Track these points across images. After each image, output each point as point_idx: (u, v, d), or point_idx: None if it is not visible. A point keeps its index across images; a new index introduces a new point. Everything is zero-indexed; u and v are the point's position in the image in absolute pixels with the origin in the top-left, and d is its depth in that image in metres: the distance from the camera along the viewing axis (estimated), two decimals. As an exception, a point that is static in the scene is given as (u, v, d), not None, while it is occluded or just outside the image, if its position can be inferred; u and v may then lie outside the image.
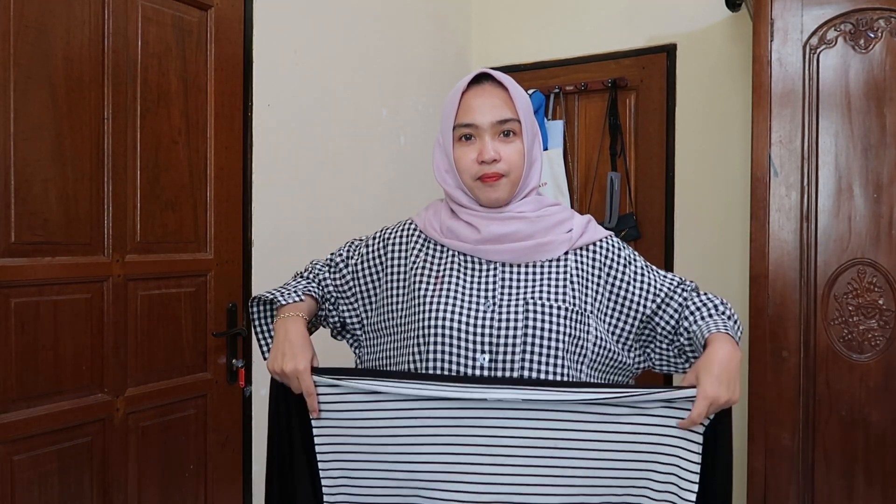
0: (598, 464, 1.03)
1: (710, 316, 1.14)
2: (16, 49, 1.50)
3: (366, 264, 1.25)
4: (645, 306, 1.18)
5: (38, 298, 1.56)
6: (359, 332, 1.26)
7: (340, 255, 1.28)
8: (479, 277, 1.15)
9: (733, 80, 2.59)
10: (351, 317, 1.26)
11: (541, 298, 1.11)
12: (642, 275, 1.20)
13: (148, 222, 1.78)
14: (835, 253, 1.87)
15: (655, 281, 1.20)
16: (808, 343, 1.89)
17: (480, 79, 1.17)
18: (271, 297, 1.18)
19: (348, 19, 2.42)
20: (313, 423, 1.11)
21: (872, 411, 1.83)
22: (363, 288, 1.24)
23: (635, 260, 1.22)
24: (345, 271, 1.26)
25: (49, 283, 1.57)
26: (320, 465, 1.12)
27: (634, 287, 1.19)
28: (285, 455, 1.15)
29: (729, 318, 1.15)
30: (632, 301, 1.18)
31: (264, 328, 1.24)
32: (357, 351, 1.28)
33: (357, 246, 1.28)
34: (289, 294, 1.18)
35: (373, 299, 1.24)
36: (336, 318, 1.27)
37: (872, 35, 1.84)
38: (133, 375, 1.75)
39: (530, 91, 2.85)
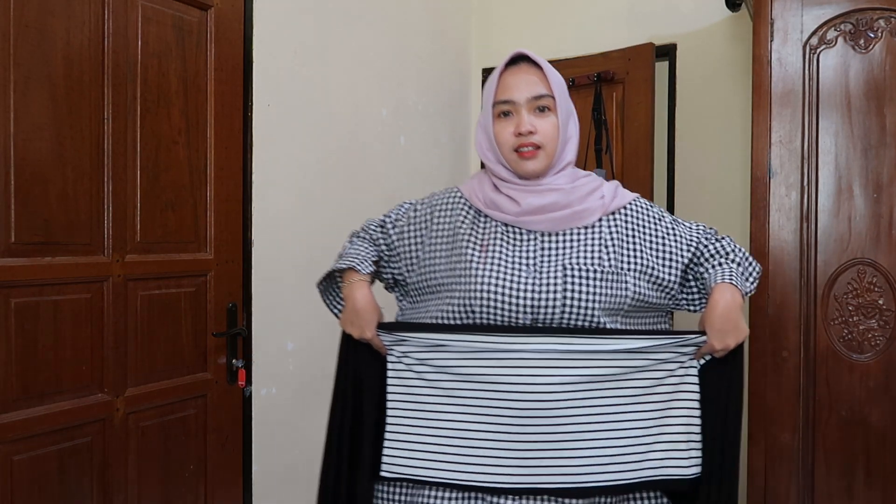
0: (625, 400, 1.19)
1: (720, 264, 1.25)
2: (16, 49, 1.50)
3: (412, 227, 1.35)
4: (683, 255, 1.28)
5: (38, 298, 1.56)
6: (405, 287, 1.38)
7: (390, 217, 1.40)
8: (521, 246, 1.24)
9: (733, 80, 2.59)
10: (398, 274, 1.37)
11: (578, 263, 1.21)
12: (673, 229, 1.30)
13: (148, 222, 1.78)
14: (835, 253, 1.86)
15: (685, 232, 1.30)
16: (808, 343, 1.88)
17: (517, 60, 1.27)
18: (348, 265, 1.31)
19: (348, 19, 2.42)
20: (388, 365, 1.27)
21: (872, 411, 1.83)
22: (408, 248, 1.35)
23: (664, 216, 1.32)
24: (391, 232, 1.37)
25: (49, 283, 1.57)
26: (388, 404, 1.27)
27: (668, 240, 1.28)
28: (349, 392, 1.31)
29: (739, 263, 1.26)
30: (671, 253, 1.27)
31: (333, 295, 1.39)
32: (400, 304, 1.40)
33: (406, 209, 1.39)
34: (361, 264, 1.31)
35: (415, 259, 1.33)
36: (389, 275, 1.39)
37: (872, 35, 1.84)
38: (133, 375, 1.75)
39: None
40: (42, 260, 1.56)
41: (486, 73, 3.13)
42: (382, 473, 1.25)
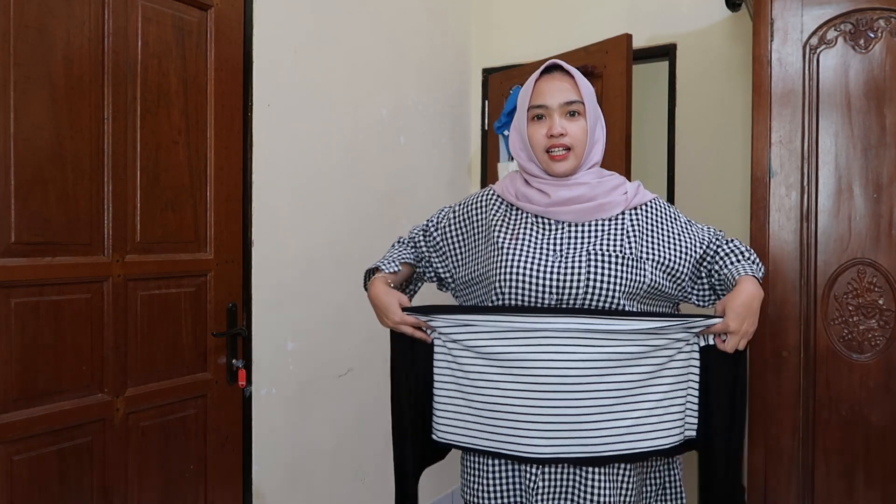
0: (640, 377, 1.28)
1: (739, 261, 1.36)
2: (16, 49, 1.50)
3: (452, 226, 1.49)
4: (695, 250, 1.40)
5: (38, 298, 1.56)
6: (452, 283, 1.51)
7: (432, 221, 1.54)
8: (549, 234, 1.36)
9: (733, 80, 2.59)
10: (444, 271, 1.50)
11: (601, 249, 1.32)
12: (688, 229, 1.43)
13: (148, 222, 1.78)
14: (835, 253, 1.86)
15: (698, 232, 1.43)
16: (807, 343, 1.88)
17: (551, 69, 1.39)
18: (375, 266, 1.46)
19: (348, 19, 2.42)
20: (435, 342, 1.39)
21: (872, 411, 1.83)
22: (451, 246, 1.49)
23: (679, 216, 1.46)
24: (435, 234, 1.51)
25: (49, 283, 1.57)
26: (434, 379, 1.39)
27: (683, 236, 1.41)
28: (409, 372, 1.43)
29: (754, 262, 1.37)
30: (684, 246, 1.40)
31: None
32: (456, 298, 1.53)
33: (446, 212, 1.53)
34: (387, 264, 1.45)
35: (459, 255, 1.47)
36: (432, 273, 1.53)
37: (872, 35, 1.84)
38: (133, 375, 1.75)
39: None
40: (42, 260, 1.56)
41: (486, 73, 3.13)
42: (433, 437, 1.40)
